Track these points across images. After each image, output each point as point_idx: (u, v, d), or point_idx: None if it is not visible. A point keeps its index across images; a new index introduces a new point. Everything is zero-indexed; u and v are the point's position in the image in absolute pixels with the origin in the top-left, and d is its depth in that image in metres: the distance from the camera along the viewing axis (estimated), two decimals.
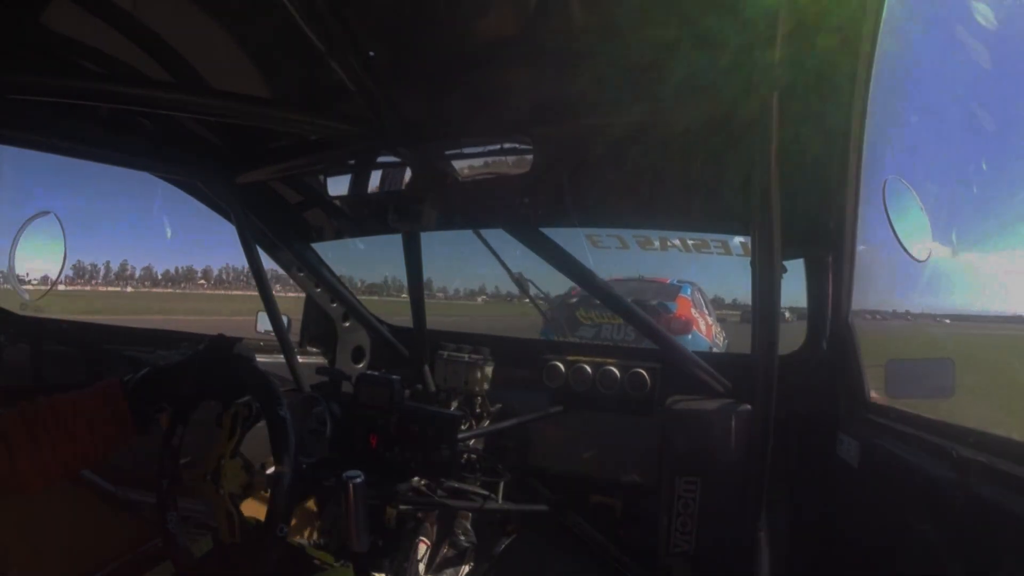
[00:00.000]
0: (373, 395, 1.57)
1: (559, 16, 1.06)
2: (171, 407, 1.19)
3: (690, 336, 5.45)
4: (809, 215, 1.40)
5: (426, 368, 1.98)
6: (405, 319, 2.01)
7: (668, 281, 6.29)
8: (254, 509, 1.30)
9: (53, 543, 1.57)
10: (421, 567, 1.65)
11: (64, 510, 1.62)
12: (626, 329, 5.28)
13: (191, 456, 1.28)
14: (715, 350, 5.75)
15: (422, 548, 1.72)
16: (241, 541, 1.17)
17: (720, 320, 7.79)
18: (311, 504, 1.90)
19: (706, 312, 6.46)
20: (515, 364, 1.97)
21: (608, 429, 1.81)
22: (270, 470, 1.18)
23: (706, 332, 6.13)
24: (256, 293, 1.90)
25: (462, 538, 1.77)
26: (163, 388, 1.12)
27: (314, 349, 2.30)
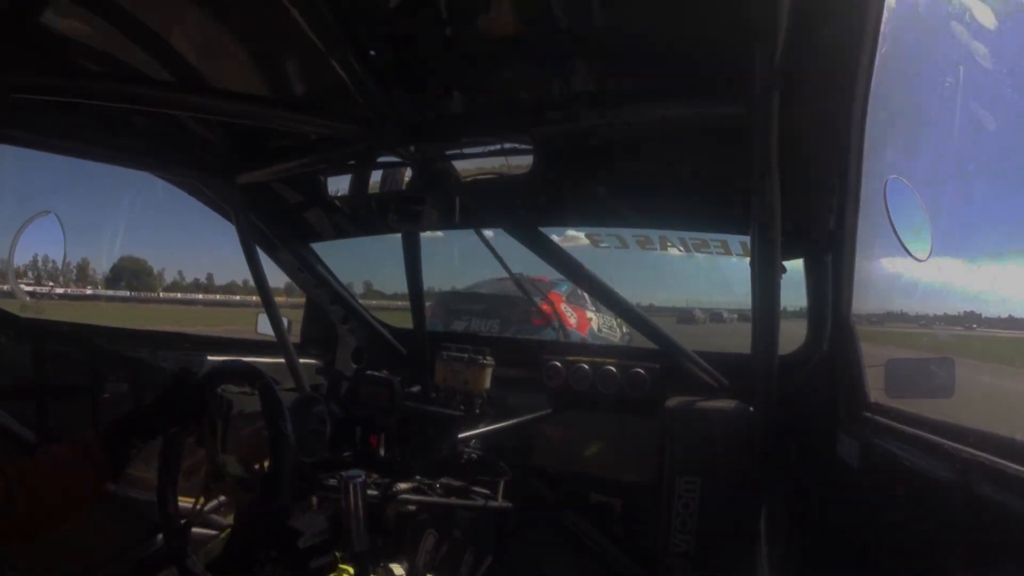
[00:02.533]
0: (373, 395, 1.57)
1: (559, 16, 1.05)
2: (144, 446, 1.25)
3: (550, 328, 5.11)
4: (809, 215, 1.39)
5: (426, 369, 1.98)
6: None
7: (547, 279, 6.42)
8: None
9: (53, 543, 1.57)
10: (421, 566, 1.65)
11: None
12: (492, 323, 5.31)
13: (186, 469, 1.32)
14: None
15: (422, 547, 1.72)
16: (261, 491, 1.21)
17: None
18: (312, 503, 1.90)
19: (587, 309, 6.41)
20: (515, 364, 1.97)
21: (608, 429, 1.81)
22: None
23: (578, 326, 6.09)
24: None
25: (462, 538, 1.77)
26: (136, 432, 1.20)
27: (314, 350, 2.30)
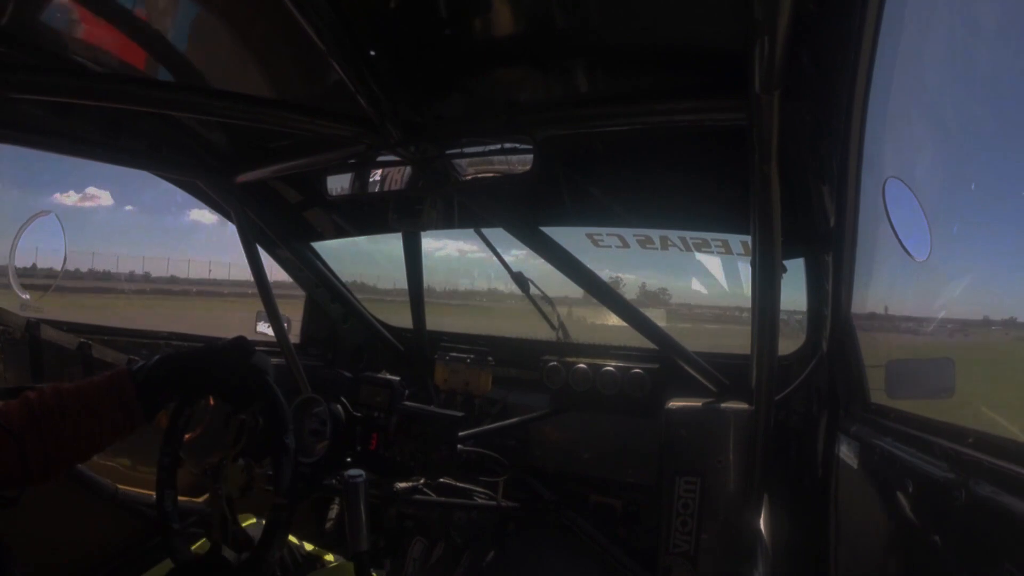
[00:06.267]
0: (373, 395, 1.58)
1: (559, 16, 1.05)
2: (181, 396, 1.19)
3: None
4: (809, 215, 1.39)
5: (426, 369, 1.98)
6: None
7: None
8: (253, 506, 1.31)
9: (54, 543, 1.57)
10: (421, 566, 1.65)
11: (64, 510, 1.62)
12: None
13: (194, 446, 1.29)
14: None
15: (422, 547, 1.72)
16: (234, 549, 1.19)
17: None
18: (313, 503, 1.91)
19: None
20: (515, 365, 1.97)
21: (608, 429, 1.81)
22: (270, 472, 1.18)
23: None
24: None
25: (462, 537, 1.77)
26: (174, 377, 1.11)
27: (314, 350, 2.30)
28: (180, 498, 1.26)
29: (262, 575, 1.09)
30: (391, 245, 2.01)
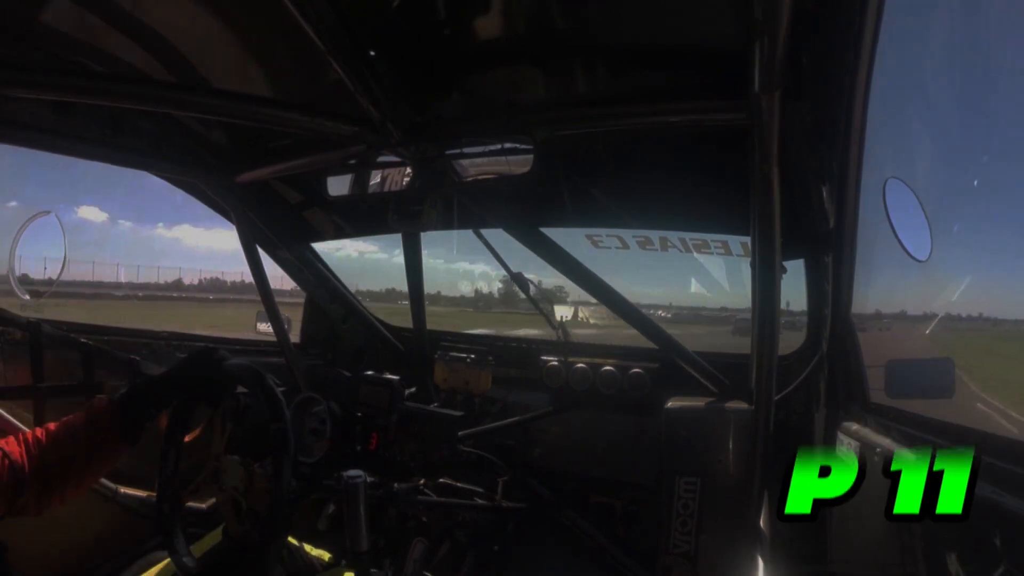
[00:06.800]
0: (373, 395, 1.57)
1: (559, 16, 1.05)
2: (159, 415, 1.24)
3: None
4: (809, 215, 1.39)
5: (426, 369, 1.98)
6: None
7: None
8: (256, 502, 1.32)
9: (54, 543, 1.57)
10: (421, 566, 1.65)
11: (65, 510, 1.62)
12: None
13: (188, 464, 1.32)
14: None
15: (422, 547, 1.72)
16: (250, 528, 1.20)
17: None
18: (311, 504, 1.90)
19: None
20: (515, 364, 1.97)
21: (608, 429, 1.81)
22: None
23: None
24: None
25: (462, 538, 1.77)
26: (149, 400, 1.19)
27: (314, 349, 2.30)
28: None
29: (279, 532, 1.14)
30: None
